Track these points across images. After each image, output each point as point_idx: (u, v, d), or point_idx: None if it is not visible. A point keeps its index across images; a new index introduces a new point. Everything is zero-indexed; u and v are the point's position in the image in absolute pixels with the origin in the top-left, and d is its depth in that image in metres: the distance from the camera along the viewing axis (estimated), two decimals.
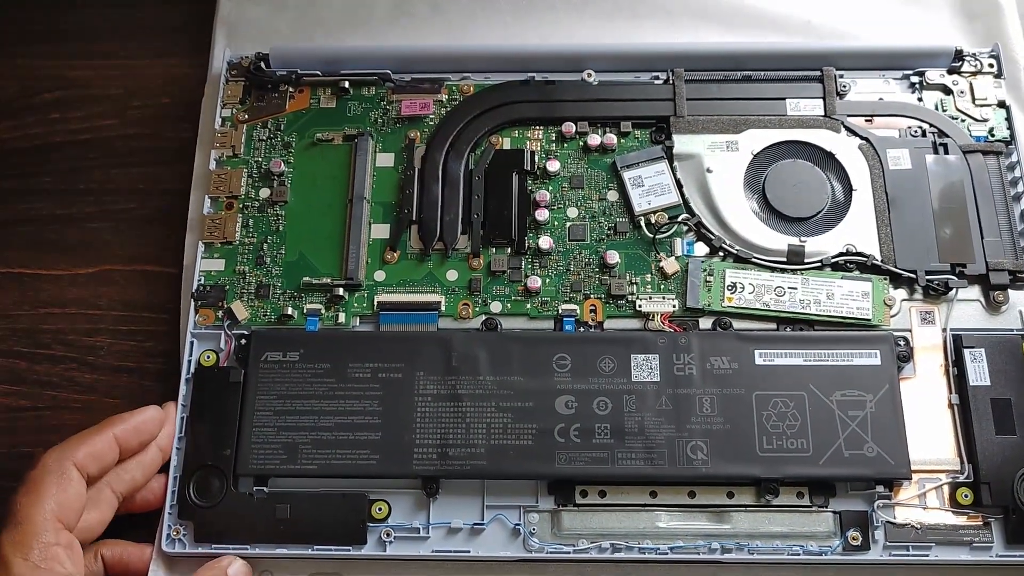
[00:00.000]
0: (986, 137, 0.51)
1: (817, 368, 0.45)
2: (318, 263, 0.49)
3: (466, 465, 0.44)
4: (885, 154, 0.50)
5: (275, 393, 0.45)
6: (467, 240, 0.50)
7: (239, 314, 0.48)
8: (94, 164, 0.56)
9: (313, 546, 0.44)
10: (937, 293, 0.47)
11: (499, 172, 0.51)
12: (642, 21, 0.57)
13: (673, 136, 0.51)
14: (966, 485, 0.43)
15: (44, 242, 0.54)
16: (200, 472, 0.45)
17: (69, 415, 0.50)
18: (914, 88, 0.52)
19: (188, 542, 0.44)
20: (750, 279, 0.48)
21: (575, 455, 0.44)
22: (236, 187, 0.51)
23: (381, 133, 0.52)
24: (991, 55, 0.52)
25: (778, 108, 0.51)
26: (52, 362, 0.51)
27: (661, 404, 0.44)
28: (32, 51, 0.59)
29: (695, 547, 0.43)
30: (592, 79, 0.53)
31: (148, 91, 0.58)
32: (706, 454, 0.43)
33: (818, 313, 0.47)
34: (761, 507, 0.44)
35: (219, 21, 0.57)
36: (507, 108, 0.52)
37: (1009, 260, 0.47)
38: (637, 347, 0.45)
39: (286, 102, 0.53)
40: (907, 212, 0.49)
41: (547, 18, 0.57)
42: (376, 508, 0.44)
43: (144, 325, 0.52)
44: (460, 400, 0.45)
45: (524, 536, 0.44)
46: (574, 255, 0.49)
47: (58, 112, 0.57)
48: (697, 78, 0.52)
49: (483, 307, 0.48)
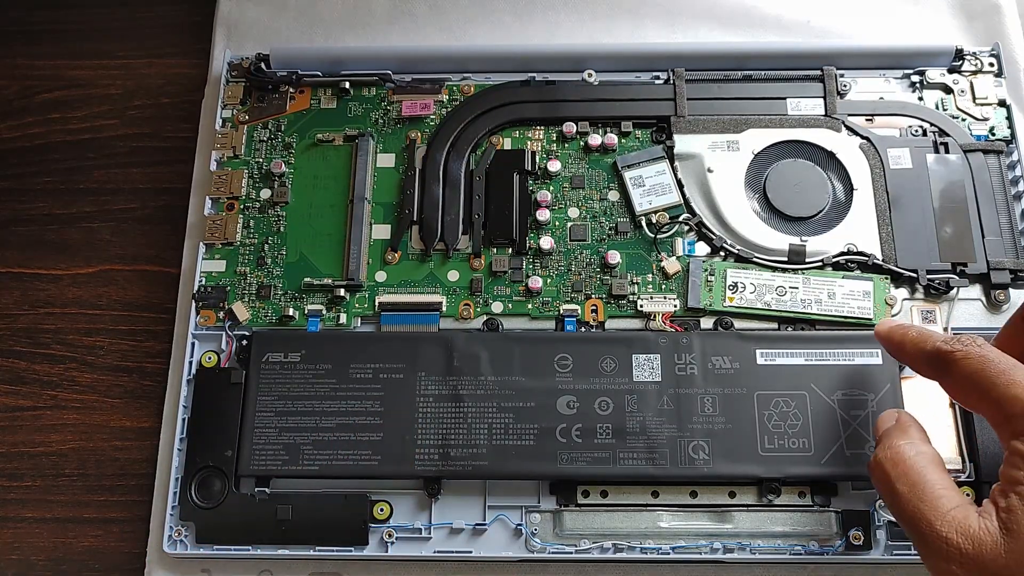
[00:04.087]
0: (987, 136, 0.51)
1: (818, 368, 0.45)
2: (319, 264, 0.49)
3: (468, 465, 0.44)
4: (886, 153, 0.50)
5: (276, 394, 0.45)
6: (468, 240, 0.50)
7: (240, 315, 0.48)
8: (94, 164, 0.56)
9: (315, 547, 0.44)
10: (938, 292, 0.47)
11: (500, 172, 0.51)
12: (642, 21, 0.57)
13: (674, 136, 0.51)
14: (968, 484, 0.43)
15: (44, 242, 0.54)
16: (201, 473, 0.45)
17: (69, 415, 0.50)
18: (915, 87, 0.52)
19: (189, 543, 0.44)
20: (751, 279, 0.48)
21: (577, 455, 0.44)
22: (237, 188, 0.51)
23: (382, 134, 0.52)
24: (991, 54, 0.52)
25: (779, 108, 0.51)
26: (52, 362, 0.51)
27: (663, 404, 0.44)
28: (32, 51, 0.59)
29: (697, 547, 0.43)
30: (593, 79, 0.53)
31: (148, 91, 0.58)
32: (708, 454, 0.43)
33: (819, 313, 0.47)
34: (763, 507, 0.44)
35: (219, 21, 0.57)
36: (508, 108, 0.52)
37: (1010, 259, 0.47)
38: (638, 347, 0.45)
39: (287, 103, 0.53)
40: (908, 211, 0.49)
41: (547, 18, 0.57)
42: (378, 509, 0.44)
43: (144, 325, 0.52)
44: (461, 400, 0.45)
45: (526, 536, 0.44)
46: (575, 255, 0.49)
47: (58, 112, 0.57)
48: (698, 78, 0.52)
49: (484, 307, 0.48)
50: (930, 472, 0.34)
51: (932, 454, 0.35)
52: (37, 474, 0.49)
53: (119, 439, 0.50)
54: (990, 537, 0.31)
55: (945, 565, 0.31)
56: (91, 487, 0.49)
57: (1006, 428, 0.32)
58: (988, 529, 0.31)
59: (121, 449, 0.49)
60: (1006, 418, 0.32)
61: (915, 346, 0.38)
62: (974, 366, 0.34)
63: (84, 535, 0.48)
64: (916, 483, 0.34)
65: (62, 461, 0.49)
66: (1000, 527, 0.31)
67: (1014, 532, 0.30)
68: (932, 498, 0.33)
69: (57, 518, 0.48)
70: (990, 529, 0.31)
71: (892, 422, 0.38)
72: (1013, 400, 0.32)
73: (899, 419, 0.38)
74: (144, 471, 0.48)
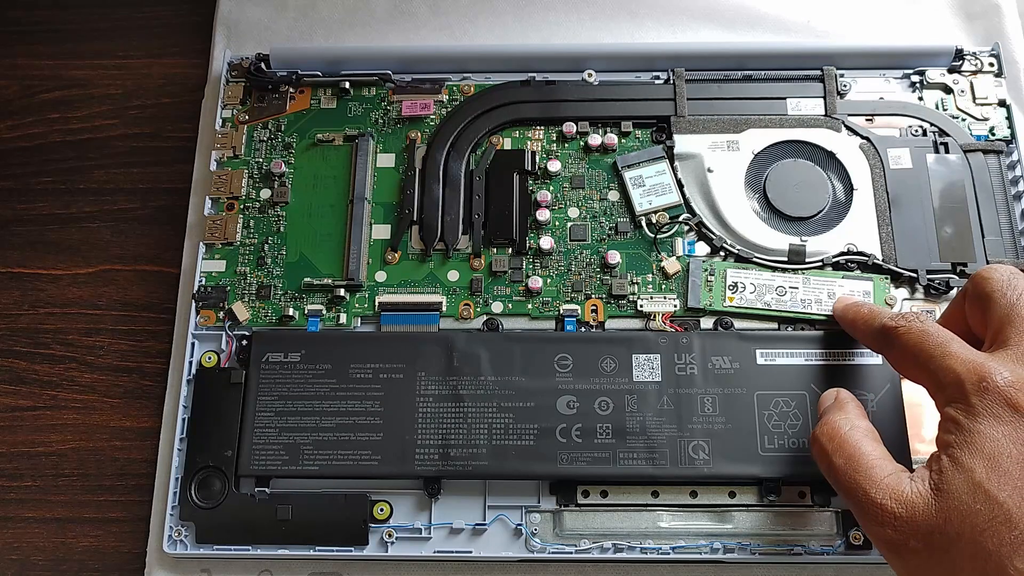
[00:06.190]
0: (987, 136, 0.51)
1: (818, 367, 0.45)
2: (319, 264, 0.49)
3: (468, 465, 0.44)
4: (886, 153, 0.50)
5: (276, 394, 0.45)
6: (468, 240, 0.50)
7: (240, 315, 0.48)
8: (94, 164, 0.56)
9: (315, 547, 0.44)
10: (938, 292, 0.47)
11: (500, 172, 0.51)
12: (643, 21, 0.57)
13: (674, 136, 0.51)
14: None
15: (44, 242, 0.54)
16: (201, 473, 0.45)
17: (69, 415, 0.50)
18: (915, 87, 0.52)
19: (189, 543, 0.44)
20: (751, 279, 0.48)
21: (577, 455, 0.44)
22: (237, 188, 0.51)
23: (382, 133, 0.52)
24: (991, 54, 0.52)
25: (779, 108, 0.51)
26: (52, 362, 0.51)
27: (663, 404, 0.44)
28: (32, 51, 0.59)
29: (697, 547, 0.43)
30: (593, 79, 0.53)
31: (148, 91, 0.58)
32: (708, 454, 0.43)
33: (819, 313, 0.47)
34: (763, 507, 0.44)
35: (219, 21, 0.57)
36: (508, 108, 0.52)
37: (1010, 259, 0.47)
38: (638, 347, 0.45)
39: (287, 103, 0.53)
40: (908, 211, 0.49)
41: (547, 18, 0.57)
42: (378, 509, 0.44)
43: (144, 325, 0.52)
44: (461, 400, 0.45)
45: (526, 536, 0.44)
46: (575, 255, 0.49)
47: (58, 112, 0.57)
48: (698, 78, 0.52)
49: (484, 307, 0.48)
50: (864, 444, 0.36)
51: (867, 427, 0.37)
52: (37, 474, 0.49)
53: (119, 439, 0.50)
54: (921, 499, 0.32)
55: (880, 530, 0.33)
56: (91, 487, 0.49)
57: (940, 396, 0.35)
58: (920, 492, 0.32)
59: (121, 449, 0.49)
60: (940, 387, 0.34)
61: (865, 323, 0.41)
62: (914, 339, 0.36)
63: (84, 535, 0.48)
64: (851, 455, 0.36)
65: (62, 461, 0.49)
66: (931, 488, 0.32)
67: (944, 491, 0.32)
68: (866, 468, 0.35)
69: (57, 518, 0.48)
70: (921, 492, 0.32)
71: (831, 400, 0.40)
72: (947, 370, 0.34)
73: (837, 397, 0.40)
74: (144, 471, 0.48)
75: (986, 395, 0.32)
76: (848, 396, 0.40)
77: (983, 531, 0.30)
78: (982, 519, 0.31)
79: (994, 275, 0.37)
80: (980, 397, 0.33)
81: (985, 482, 0.31)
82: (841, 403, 0.39)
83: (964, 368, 0.34)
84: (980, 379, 0.33)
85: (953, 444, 0.33)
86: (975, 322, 0.38)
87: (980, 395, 0.33)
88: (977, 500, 0.31)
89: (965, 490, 0.31)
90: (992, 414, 0.32)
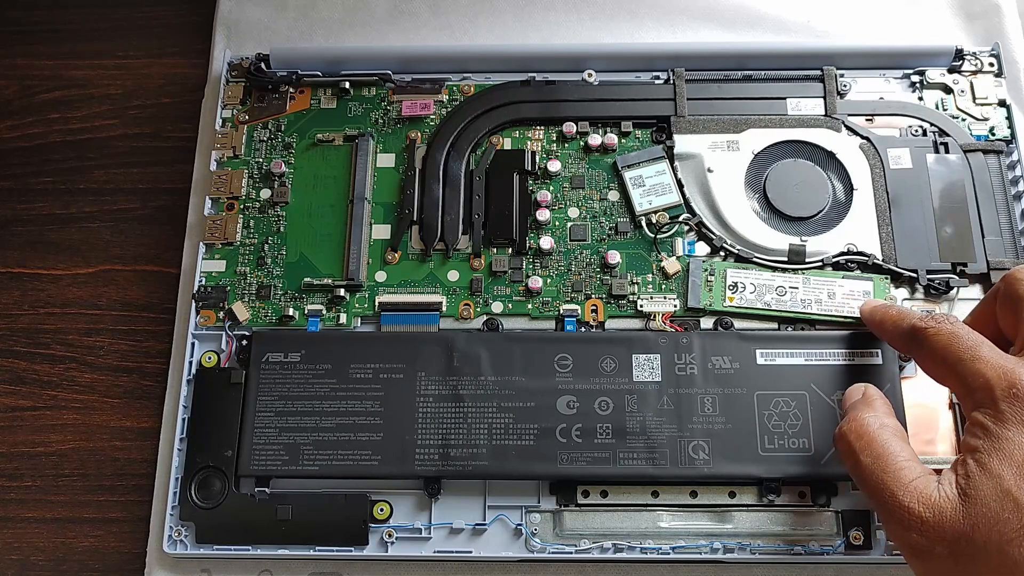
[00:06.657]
0: (987, 136, 0.51)
1: (818, 368, 0.45)
2: (319, 264, 0.49)
3: (468, 465, 0.44)
4: (886, 153, 0.50)
5: (276, 394, 0.45)
6: (468, 240, 0.50)
7: (240, 315, 0.48)
8: (94, 164, 0.56)
9: (315, 547, 0.44)
10: (938, 292, 0.47)
11: (500, 172, 0.51)
12: (643, 21, 0.57)
13: (674, 136, 0.51)
14: None
15: (44, 242, 0.54)
16: (201, 473, 0.45)
17: (69, 415, 0.50)
18: (915, 87, 0.52)
19: (189, 543, 0.44)
20: (751, 279, 0.48)
21: (577, 455, 0.44)
22: (237, 188, 0.51)
23: (382, 133, 0.52)
24: (991, 54, 0.52)
25: (779, 108, 0.51)
26: (52, 362, 0.51)
27: (662, 404, 0.44)
28: (32, 51, 0.59)
29: (697, 547, 0.43)
30: (593, 79, 0.53)
31: (148, 91, 0.58)
32: (708, 454, 0.43)
33: (819, 313, 0.47)
34: (763, 507, 0.44)
35: (219, 21, 0.57)
36: (508, 108, 0.52)
37: (1010, 259, 0.47)
38: (638, 347, 0.45)
39: (287, 103, 0.53)
40: (908, 211, 0.49)
41: (547, 18, 0.57)
42: (378, 509, 0.44)
43: (144, 325, 0.52)
44: (462, 400, 0.45)
45: (526, 536, 0.44)
46: (575, 255, 0.49)
47: (58, 112, 0.57)
48: (698, 78, 0.52)
49: (484, 307, 0.48)
50: (893, 444, 0.35)
51: (896, 427, 0.37)
52: (37, 474, 0.49)
53: (119, 439, 0.50)
54: (949, 504, 0.32)
55: (906, 534, 0.32)
56: (91, 487, 0.49)
57: (968, 400, 0.34)
58: (947, 496, 0.32)
59: (121, 449, 0.49)
60: (969, 391, 0.34)
61: (894, 324, 0.40)
62: (944, 341, 0.35)
63: (84, 535, 0.48)
64: (880, 455, 0.35)
65: (62, 461, 0.49)
66: (958, 493, 0.32)
67: (971, 496, 0.31)
68: (895, 469, 0.34)
69: (57, 518, 0.48)
70: (949, 496, 0.32)
71: (859, 396, 0.39)
72: (976, 374, 0.33)
73: (865, 392, 0.39)
74: (144, 471, 0.48)
75: (1016, 401, 0.32)
76: (876, 392, 0.39)
77: (1011, 540, 0.30)
78: (1010, 528, 0.30)
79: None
80: (1010, 403, 0.32)
81: (1014, 489, 0.31)
82: (869, 399, 0.39)
83: (994, 373, 0.33)
84: (1010, 385, 0.32)
85: (981, 449, 0.32)
86: (1006, 324, 0.37)
87: (1010, 401, 0.32)
88: (1005, 508, 0.31)
89: (993, 497, 0.31)
90: (1022, 421, 0.32)
